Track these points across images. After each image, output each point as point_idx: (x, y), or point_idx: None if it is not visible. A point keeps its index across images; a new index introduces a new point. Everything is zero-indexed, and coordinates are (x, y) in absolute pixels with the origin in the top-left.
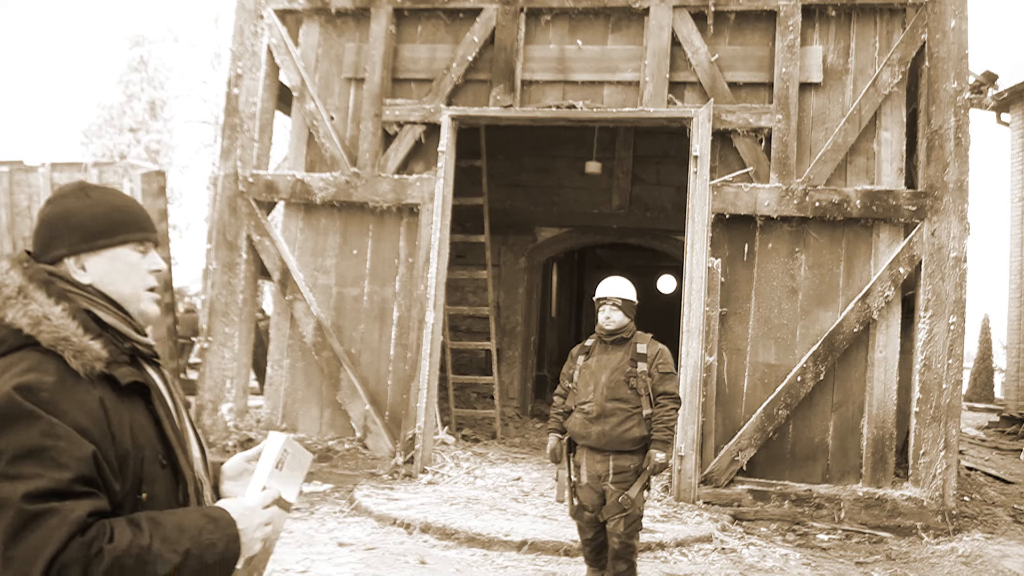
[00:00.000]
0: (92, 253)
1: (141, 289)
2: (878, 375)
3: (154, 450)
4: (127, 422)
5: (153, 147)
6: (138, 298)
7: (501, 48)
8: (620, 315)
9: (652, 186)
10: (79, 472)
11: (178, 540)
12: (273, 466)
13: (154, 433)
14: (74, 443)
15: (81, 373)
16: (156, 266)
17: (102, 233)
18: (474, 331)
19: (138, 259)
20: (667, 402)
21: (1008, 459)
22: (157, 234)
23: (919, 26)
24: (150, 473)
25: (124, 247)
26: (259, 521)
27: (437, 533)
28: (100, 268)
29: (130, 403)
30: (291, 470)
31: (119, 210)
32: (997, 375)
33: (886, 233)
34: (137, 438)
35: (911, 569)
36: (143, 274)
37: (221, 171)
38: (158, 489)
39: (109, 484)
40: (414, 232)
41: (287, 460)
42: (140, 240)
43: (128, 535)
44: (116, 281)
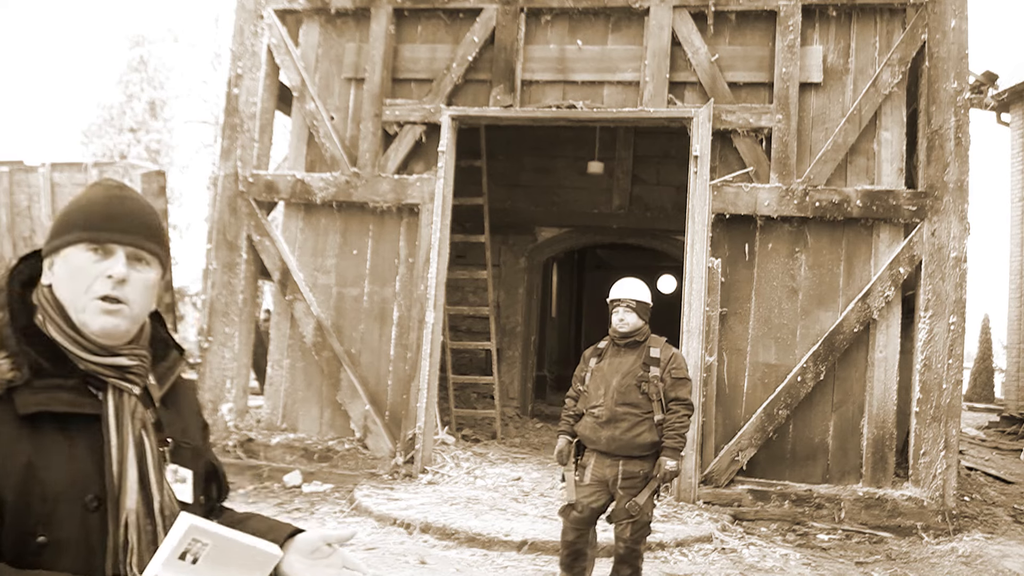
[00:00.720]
0: (53, 254)
1: (83, 296)
2: (878, 375)
3: (79, 489)
4: (23, 453)
5: (153, 147)
6: (77, 306)
7: (501, 48)
8: (634, 317)
9: (652, 186)
10: None
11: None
12: (173, 556)
13: (93, 467)
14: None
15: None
16: (110, 271)
17: (57, 232)
18: (474, 331)
19: (86, 261)
20: (679, 408)
21: (1008, 459)
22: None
23: (919, 26)
24: (57, 514)
25: (74, 247)
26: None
27: (437, 533)
28: (56, 272)
29: (45, 431)
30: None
31: (80, 207)
32: (997, 375)
33: (886, 233)
34: (38, 472)
35: (911, 569)
36: (89, 278)
37: (221, 171)
38: (68, 533)
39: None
40: (414, 232)
41: (203, 552)
42: (90, 240)
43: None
44: (60, 286)
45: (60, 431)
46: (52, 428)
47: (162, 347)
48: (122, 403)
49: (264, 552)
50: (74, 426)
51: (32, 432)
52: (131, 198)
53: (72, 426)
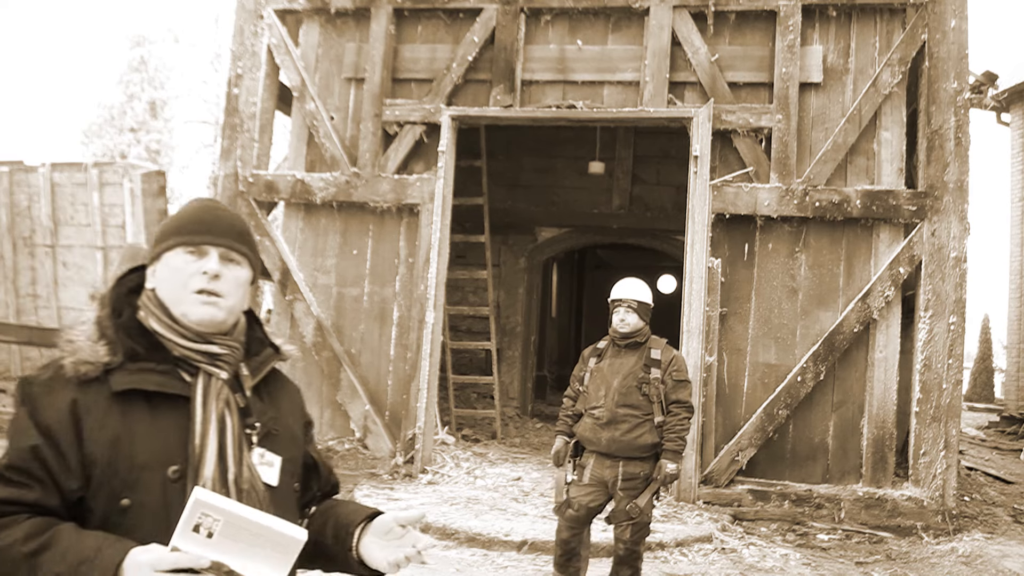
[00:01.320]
0: (155, 261)
1: (182, 291)
2: (878, 375)
3: (163, 460)
4: (113, 426)
5: (153, 147)
6: (177, 300)
7: (501, 48)
8: (635, 318)
9: (652, 186)
10: (12, 461)
11: (58, 562)
12: (186, 528)
13: (177, 442)
14: (23, 434)
15: (69, 374)
16: (205, 268)
17: (158, 241)
18: (474, 331)
19: (184, 262)
20: (680, 411)
21: (1008, 459)
22: (222, 238)
23: (919, 26)
24: (142, 482)
25: (172, 251)
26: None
27: (437, 533)
28: (158, 274)
29: (135, 408)
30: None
31: (176, 218)
32: (997, 375)
33: (886, 233)
34: (126, 443)
35: (911, 569)
36: (186, 276)
37: (221, 171)
38: (149, 499)
39: (57, 479)
40: (414, 232)
41: (216, 527)
42: (188, 243)
43: (16, 536)
44: (162, 286)
45: (148, 409)
46: (141, 406)
47: (258, 344)
48: (210, 385)
49: (286, 535)
50: (162, 406)
51: (123, 408)
52: (222, 208)
53: (160, 406)
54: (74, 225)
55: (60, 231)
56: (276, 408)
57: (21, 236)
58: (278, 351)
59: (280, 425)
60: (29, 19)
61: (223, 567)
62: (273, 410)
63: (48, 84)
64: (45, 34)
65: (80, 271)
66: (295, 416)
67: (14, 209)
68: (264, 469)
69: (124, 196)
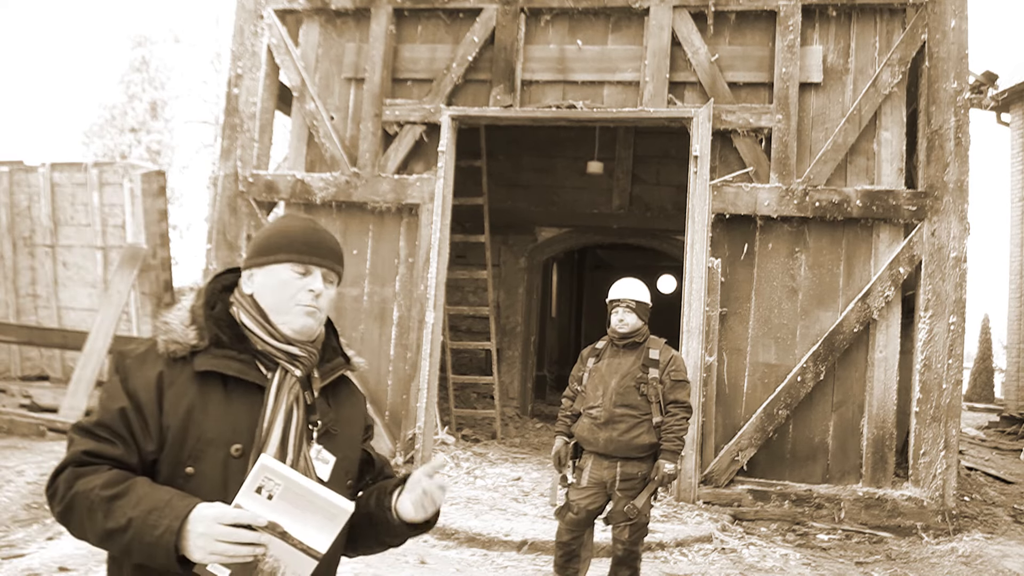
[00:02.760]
0: (257, 268)
1: (288, 303)
2: (878, 375)
3: (228, 438)
4: (188, 401)
5: (154, 147)
6: (282, 310)
7: (501, 48)
8: (634, 318)
9: (652, 186)
10: (102, 419)
11: (133, 507)
12: (250, 489)
13: (245, 426)
14: (113, 398)
15: (160, 351)
16: (310, 286)
17: (263, 252)
18: (474, 331)
19: (291, 277)
20: (678, 411)
21: (1008, 459)
22: (328, 260)
23: (919, 26)
24: (206, 454)
25: (279, 265)
26: (204, 530)
27: (437, 533)
28: (259, 280)
29: (210, 388)
30: (294, 506)
31: (282, 233)
32: (997, 375)
33: (886, 233)
34: (197, 418)
35: (911, 569)
36: (293, 290)
37: (221, 171)
38: (211, 471)
39: (138, 440)
40: (414, 232)
41: (277, 491)
42: (297, 261)
43: (96, 483)
44: (264, 293)
45: (222, 391)
46: (217, 388)
47: (331, 352)
48: (284, 379)
49: (336, 504)
50: (235, 391)
51: (201, 387)
52: (325, 231)
53: (234, 390)
54: (74, 225)
55: (60, 231)
56: (338, 412)
57: (21, 236)
58: (348, 361)
59: (340, 427)
60: (29, 19)
61: (277, 527)
62: (335, 413)
63: (48, 84)
64: (45, 34)
65: (80, 271)
66: (356, 421)
67: (14, 209)
68: (319, 465)
69: (124, 196)
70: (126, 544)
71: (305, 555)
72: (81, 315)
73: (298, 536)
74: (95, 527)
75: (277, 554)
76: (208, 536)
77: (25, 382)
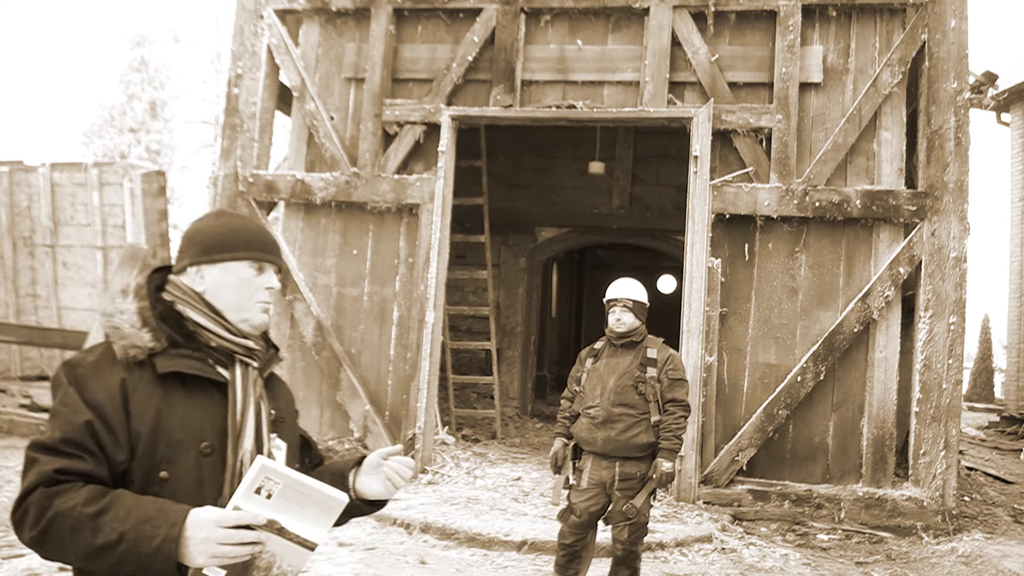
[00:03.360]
0: (209, 264)
1: (247, 300)
2: (878, 375)
3: (196, 437)
4: (155, 405)
5: (153, 147)
6: (243, 308)
7: (501, 48)
8: (631, 317)
9: (652, 186)
10: (67, 435)
11: (122, 521)
12: (249, 490)
13: (209, 423)
14: (75, 411)
15: (118, 357)
16: (268, 283)
17: (217, 249)
18: (474, 331)
19: (250, 275)
20: (676, 409)
21: (1008, 459)
22: (278, 258)
23: (919, 26)
24: (178, 456)
25: (236, 262)
26: (207, 535)
27: (437, 533)
28: (212, 277)
29: (173, 390)
30: (291, 502)
31: (238, 232)
32: (997, 375)
33: (886, 233)
34: (165, 421)
35: (911, 569)
36: (253, 289)
37: (221, 171)
38: (184, 472)
39: (109, 452)
40: (414, 232)
41: (276, 489)
42: (255, 259)
43: (76, 500)
44: (222, 290)
45: (184, 392)
46: (178, 389)
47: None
48: (247, 373)
49: (333, 497)
50: (195, 389)
51: (164, 389)
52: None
53: (194, 389)
54: (74, 225)
55: (60, 231)
56: (277, 399)
57: (21, 236)
58: (278, 351)
59: (284, 414)
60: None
61: (275, 524)
62: (276, 400)
63: (48, 84)
64: (45, 34)
65: (80, 271)
66: (291, 406)
67: (14, 209)
68: (276, 452)
69: (124, 196)
70: (118, 558)
71: (302, 548)
72: (81, 315)
73: (295, 531)
74: (80, 546)
75: (274, 549)
76: (211, 540)
77: (25, 382)
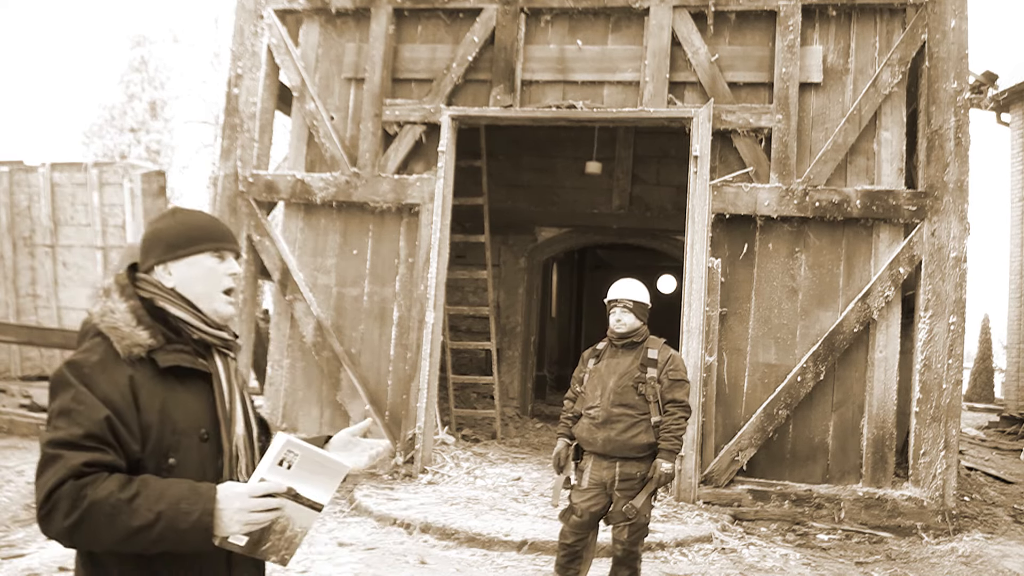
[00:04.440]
0: (175, 261)
1: (214, 290)
2: (878, 375)
3: (195, 425)
4: (159, 398)
5: (153, 147)
6: (210, 297)
7: (501, 48)
8: (631, 318)
9: (652, 186)
10: (89, 430)
11: (156, 502)
12: (274, 463)
13: (203, 411)
14: (92, 408)
15: (122, 355)
16: (231, 270)
17: (181, 245)
18: (474, 331)
19: (214, 264)
20: (676, 410)
21: (1008, 459)
22: (236, 245)
23: (919, 26)
24: (182, 443)
25: (200, 255)
26: (240, 506)
27: (437, 533)
28: (180, 273)
29: (171, 383)
30: (307, 471)
31: (196, 226)
32: (997, 375)
33: (886, 233)
34: (169, 412)
35: (911, 569)
36: (218, 277)
37: (221, 171)
38: (188, 457)
39: (125, 444)
40: (414, 232)
41: (295, 461)
42: (215, 249)
43: (111, 488)
44: (191, 283)
45: (180, 383)
46: (176, 381)
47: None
48: (227, 363)
49: (338, 463)
50: (188, 380)
51: (165, 382)
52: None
53: (187, 380)
54: (74, 225)
55: (60, 231)
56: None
57: (21, 236)
58: (236, 337)
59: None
60: (29, 19)
61: (292, 491)
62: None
63: (48, 84)
64: (45, 34)
65: (80, 271)
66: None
67: (14, 209)
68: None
69: (124, 196)
70: (156, 536)
71: (311, 510)
72: (81, 315)
73: (307, 495)
74: (117, 530)
75: (289, 513)
76: (244, 510)
77: (25, 382)
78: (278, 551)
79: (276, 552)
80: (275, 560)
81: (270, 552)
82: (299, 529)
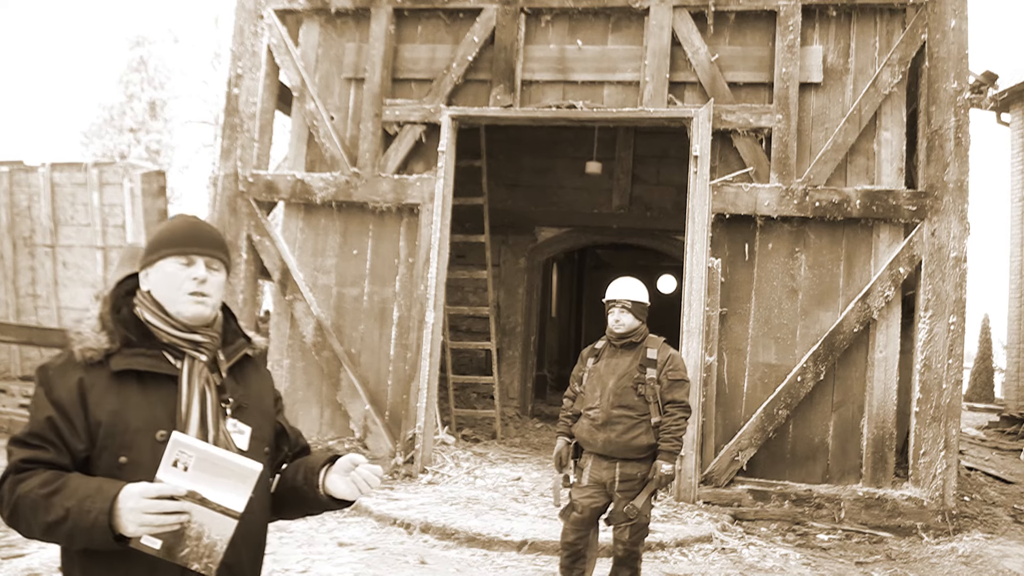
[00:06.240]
0: (148, 266)
1: (177, 292)
2: (878, 375)
3: (151, 426)
4: (111, 399)
5: (153, 147)
6: (173, 300)
7: (501, 48)
8: (630, 318)
9: (652, 186)
10: (33, 429)
11: (68, 499)
12: (167, 464)
13: (164, 413)
14: (41, 408)
15: (78, 359)
16: (195, 275)
17: (150, 250)
18: (474, 331)
19: (176, 268)
20: (676, 411)
21: (1008, 459)
22: (210, 249)
23: (919, 26)
24: (135, 443)
25: (165, 260)
26: (133, 505)
27: (437, 533)
28: (152, 278)
29: (130, 384)
30: (209, 473)
31: (167, 232)
32: (997, 375)
33: (886, 233)
34: (122, 412)
35: (911, 569)
36: (180, 280)
37: (221, 171)
38: (141, 457)
39: (69, 442)
40: (414, 232)
41: (191, 462)
42: (180, 253)
43: (34, 484)
44: (158, 286)
45: (139, 386)
46: (134, 383)
47: (232, 335)
48: (193, 366)
49: (244, 467)
50: (151, 383)
51: (120, 385)
52: (203, 222)
53: (149, 383)
54: (74, 225)
55: (60, 231)
56: (247, 387)
57: (21, 236)
58: (249, 341)
59: (250, 401)
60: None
61: (196, 495)
62: (244, 388)
63: (48, 84)
64: (45, 34)
65: (80, 271)
66: (266, 395)
67: (14, 209)
68: (236, 436)
69: (124, 196)
70: (67, 532)
71: (225, 516)
72: (81, 315)
73: (216, 500)
74: (38, 522)
75: (200, 519)
76: (136, 510)
77: (25, 382)
78: (199, 558)
79: (197, 559)
80: (199, 567)
81: (190, 558)
82: (216, 538)
